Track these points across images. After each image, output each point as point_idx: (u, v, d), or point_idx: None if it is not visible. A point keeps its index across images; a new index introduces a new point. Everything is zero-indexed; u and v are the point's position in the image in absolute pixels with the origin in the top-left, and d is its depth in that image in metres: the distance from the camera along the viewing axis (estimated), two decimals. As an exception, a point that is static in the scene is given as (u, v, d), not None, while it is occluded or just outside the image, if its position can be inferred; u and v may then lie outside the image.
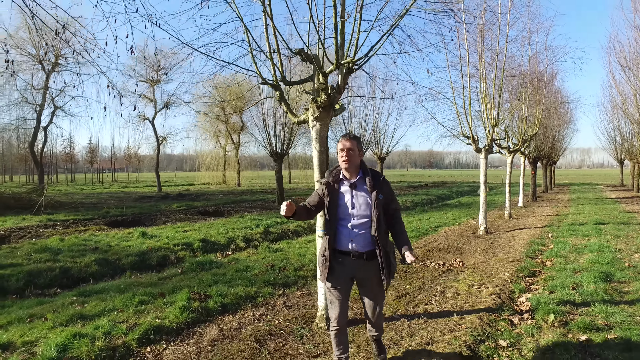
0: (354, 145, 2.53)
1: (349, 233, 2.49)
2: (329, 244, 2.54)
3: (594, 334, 3.25)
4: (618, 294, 4.29)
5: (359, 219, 2.49)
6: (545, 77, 11.46)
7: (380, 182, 2.54)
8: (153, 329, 3.67)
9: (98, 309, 4.31)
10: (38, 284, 5.82)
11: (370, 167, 2.71)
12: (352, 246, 2.49)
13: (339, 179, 2.59)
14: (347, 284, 2.59)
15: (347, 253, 2.51)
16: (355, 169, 2.56)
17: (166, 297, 4.62)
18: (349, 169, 2.54)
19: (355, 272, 2.56)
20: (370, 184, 2.51)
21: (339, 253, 2.54)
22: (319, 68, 3.37)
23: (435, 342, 3.25)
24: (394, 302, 4.33)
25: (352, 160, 2.51)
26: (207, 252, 7.96)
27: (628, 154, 23.15)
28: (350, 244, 2.50)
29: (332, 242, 2.54)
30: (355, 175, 2.56)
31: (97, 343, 3.33)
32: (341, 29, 3.17)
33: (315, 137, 3.50)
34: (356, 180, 2.55)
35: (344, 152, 2.51)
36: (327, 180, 2.60)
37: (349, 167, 2.52)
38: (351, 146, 2.51)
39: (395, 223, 2.64)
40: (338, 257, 2.54)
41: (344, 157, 2.51)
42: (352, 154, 2.51)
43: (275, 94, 3.69)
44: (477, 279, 5.14)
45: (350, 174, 2.56)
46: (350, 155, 2.50)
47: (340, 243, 2.52)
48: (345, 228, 2.51)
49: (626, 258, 5.97)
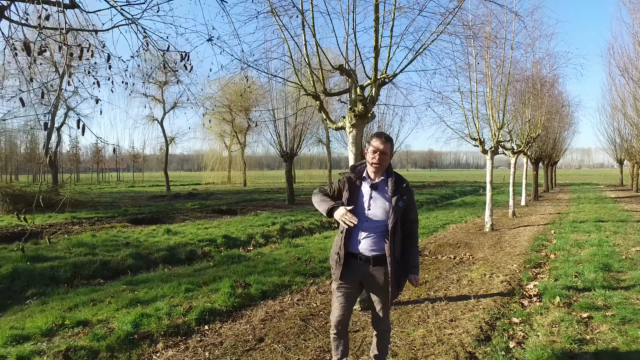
0: (388, 149, 2.39)
1: (360, 235, 2.39)
2: (344, 243, 2.43)
3: (594, 312, 3.77)
4: (616, 281, 4.81)
5: (372, 221, 2.37)
6: (548, 82, 11.98)
7: (402, 188, 2.40)
8: (207, 311, 4.18)
9: (150, 295, 4.81)
10: (83, 274, 6.33)
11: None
12: (361, 248, 2.39)
13: (361, 176, 2.47)
14: (353, 288, 2.49)
15: (355, 255, 2.41)
16: (382, 170, 2.44)
17: (209, 285, 5.13)
18: (377, 172, 2.42)
19: (362, 277, 2.44)
20: (392, 188, 2.37)
21: (348, 255, 2.43)
22: (357, 82, 3.88)
23: (458, 319, 3.77)
24: (416, 289, 4.85)
25: (382, 164, 2.39)
26: (230, 248, 8.46)
27: (627, 154, 23.68)
28: (359, 246, 2.39)
29: (345, 241, 2.43)
30: (379, 177, 2.43)
31: (163, 321, 3.85)
32: (376, 54, 3.68)
33: (352, 142, 4.01)
34: (379, 181, 2.42)
35: (377, 154, 2.37)
36: (349, 175, 2.49)
37: (378, 169, 2.40)
38: (385, 149, 2.37)
39: (408, 235, 2.48)
40: (347, 259, 2.43)
41: (375, 160, 2.37)
42: (384, 157, 2.38)
43: (315, 103, 4.20)
44: (488, 269, 5.66)
45: (375, 174, 2.43)
46: (382, 159, 2.38)
47: (350, 244, 2.42)
48: (357, 229, 2.38)
49: (624, 252, 6.48)
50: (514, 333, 3.47)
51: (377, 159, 2.37)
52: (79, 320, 3.94)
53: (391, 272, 2.33)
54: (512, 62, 9.81)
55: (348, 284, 2.47)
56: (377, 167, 2.39)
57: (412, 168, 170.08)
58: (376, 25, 3.56)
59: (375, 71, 3.66)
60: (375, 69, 3.65)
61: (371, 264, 2.38)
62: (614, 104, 19.55)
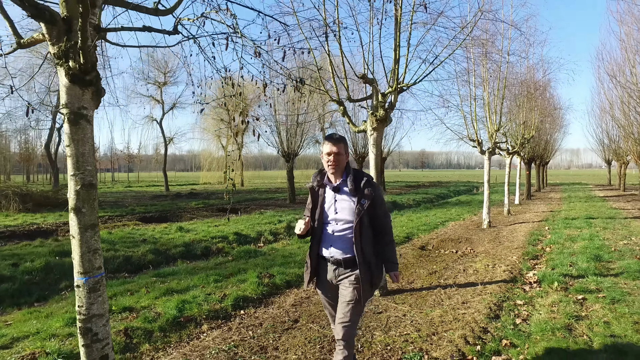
0: (341, 149, 2.37)
1: (330, 238, 2.38)
2: (311, 249, 2.46)
3: (588, 295, 4.28)
4: (606, 270, 5.33)
5: (341, 224, 2.35)
6: (541, 86, 12.58)
7: (363, 184, 2.34)
8: (240, 298, 4.58)
9: (182, 285, 5.20)
10: (109, 269, 6.66)
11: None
12: (331, 251, 2.37)
13: (323, 183, 2.45)
14: (334, 291, 2.47)
15: (327, 259, 2.41)
16: (341, 172, 2.40)
17: (235, 276, 5.53)
18: (335, 174, 2.39)
19: (335, 279, 2.41)
20: (351, 186, 2.34)
21: (321, 258, 2.44)
22: (378, 89, 4.33)
23: (469, 302, 4.24)
24: (427, 277, 5.32)
25: (338, 165, 2.36)
26: (241, 244, 8.84)
27: (615, 155, 24.55)
28: (329, 250, 2.38)
29: (315, 248, 2.44)
30: (339, 178, 2.40)
31: (203, 307, 4.25)
32: (397, 66, 4.14)
33: (373, 144, 4.46)
34: (339, 183, 2.39)
35: (331, 156, 2.35)
36: (311, 184, 2.49)
37: (335, 172, 2.38)
38: (338, 150, 2.35)
39: (381, 232, 2.42)
40: (322, 263, 2.45)
41: (330, 162, 2.35)
42: (339, 158, 2.36)
43: (339, 108, 4.64)
44: (491, 261, 6.15)
45: (335, 177, 2.41)
46: (336, 160, 2.35)
47: (322, 248, 2.42)
48: (326, 233, 2.39)
49: (612, 245, 7.04)
50: (519, 312, 3.95)
51: (333, 161, 2.34)
52: (124, 307, 4.32)
53: (362, 270, 2.29)
54: (508, 67, 10.36)
55: (328, 289, 2.48)
56: (334, 169, 2.36)
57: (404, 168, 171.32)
58: (396, 42, 4.02)
59: (396, 80, 4.11)
60: (396, 79, 4.10)
61: (343, 266, 2.35)
62: (602, 107, 20.34)
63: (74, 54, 1.88)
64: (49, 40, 1.91)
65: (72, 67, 1.88)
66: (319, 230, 2.42)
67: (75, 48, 1.88)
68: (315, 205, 2.45)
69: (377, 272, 2.38)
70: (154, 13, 2.28)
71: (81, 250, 2.03)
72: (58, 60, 1.91)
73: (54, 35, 1.89)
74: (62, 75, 1.92)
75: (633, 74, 12.00)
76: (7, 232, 8.87)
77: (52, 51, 1.92)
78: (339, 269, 2.37)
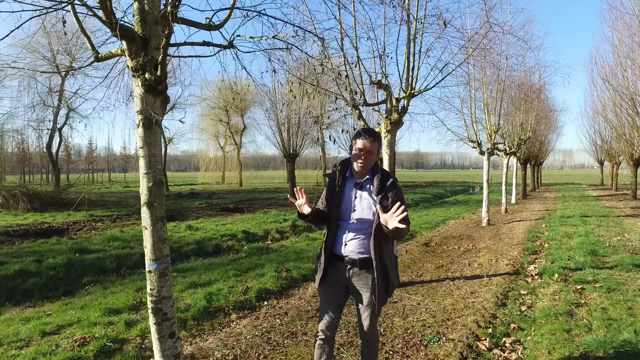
0: (375, 148, 2.26)
1: (346, 236, 2.27)
2: (325, 245, 2.32)
3: (586, 285, 4.63)
4: (602, 263, 5.70)
5: (358, 222, 2.24)
6: (537, 89, 13.01)
7: (388, 186, 2.22)
8: (262, 290, 4.87)
9: (204, 279, 5.47)
10: (127, 265, 6.91)
11: None
12: (346, 250, 2.26)
13: (345, 176, 2.35)
14: (340, 293, 2.35)
15: (341, 258, 2.29)
16: (367, 170, 2.30)
17: (253, 271, 5.81)
18: (362, 172, 2.29)
19: (348, 281, 2.30)
20: (377, 185, 2.22)
21: (334, 257, 2.31)
22: (392, 94, 4.65)
23: (477, 292, 4.57)
24: (435, 271, 5.64)
25: (367, 164, 2.26)
26: (250, 242, 9.11)
27: (607, 155, 25.15)
28: (344, 248, 2.27)
29: (330, 244, 2.32)
30: (364, 175, 2.30)
31: (230, 298, 4.53)
32: (410, 74, 4.46)
33: (387, 145, 4.78)
34: (363, 180, 2.29)
35: (362, 153, 2.24)
36: (332, 172, 2.39)
37: (363, 170, 2.28)
38: (372, 148, 2.24)
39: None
40: (332, 261, 2.32)
41: (360, 160, 2.25)
42: (370, 157, 2.25)
43: (354, 112, 4.95)
44: (493, 256, 6.50)
45: (361, 174, 2.30)
46: (367, 160, 2.25)
47: (336, 246, 2.30)
48: (343, 230, 2.29)
49: (607, 240, 7.44)
50: (524, 300, 4.29)
51: (363, 160, 2.24)
52: (154, 299, 4.58)
53: (378, 275, 2.18)
54: (506, 71, 10.75)
55: (334, 289, 2.35)
56: (362, 168, 2.26)
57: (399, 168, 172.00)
58: (408, 52, 4.34)
59: (410, 87, 4.43)
60: (410, 85, 4.42)
61: (357, 267, 2.24)
62: (595, 109, 20.89)
63: (150, 67, 2.17)
64: (128, 55, 2.19)
65: (148, 79, 2.16)
66: (334, 225, 2.31)
67: (151, 62, 2.17)
68: (331, 196, 2.33)
69: (393, 277, 2.29)
70: (207, 28, 2.56)
71: (153, 240, 2.31)
72: (135, 72, 2.19)
73: (133, 51, 2.17)
74: (137, 85, 2.20)
75: (625, 78, 12.48)
76: (20, 231, 9.06)
77: (130, 65, 2.20)
78: (354, 269, 2.26)
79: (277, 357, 3.17)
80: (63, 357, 3.07)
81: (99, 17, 2.06)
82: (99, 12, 2.14)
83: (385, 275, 2.24)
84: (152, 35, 2.16)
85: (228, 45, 2.48)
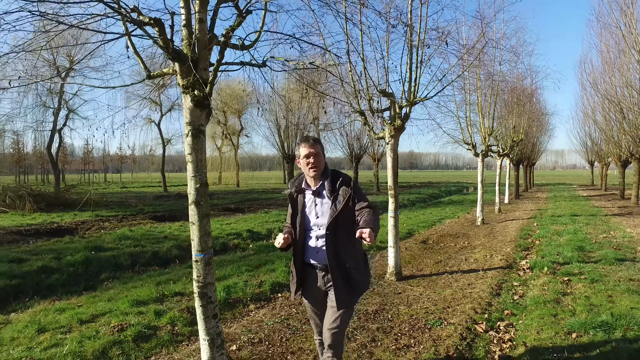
0: (319, 149, 2.29)
1: (315, 244, 2.29)
2: (295, 257, 2.37)
3: (572, 277, 5.07)
4: (587, 258, 6.16)
5: (323, 228, 2.25)
6: (529, 94, 13.53)
7: (339, 184, 2.25)
8: (276, 284, 5.24)
9: (219, 274, 5.81)
10: (141, 262, 7.23)
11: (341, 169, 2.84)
12: (317, 257, 2.29)
13: (301, 188, 2.37)
14: (322, 298, 2.39)
15: (314, 266, 2.33)
16: (320, 174, 2.31)
17: (264, 266, 6.17)
18: (315, 177, 2.30)
19: (324, 286, 2.33)
20: (328, 187, 2.26)
21: (308, 266, 2.36)
22: (396, 102, 5.06)
23: (474, 284, 4.99)
24: (434, 266, 6.06)
25: (319, 166, 2.27)
26: (255, 240, 9.45)
27: (597, 157, 25.88)
28: (315, 256, 2.30)
29: (300, 255, 2.35)
30: (318, 182, 2.32)
31: (247, 291, 4.90)
32: (410, 84, 4.88)
33: (390, 149, 5.18)
34: (319, 186, 2.31)
35: (311, 157, 2.25)
36: (290, 191, 2.39)
37: (316, 174, 2.28)
38: (316, 150, 2.27)
39: (363, 214, 2.22)
40: (309, 271, 2.37)
41: (311, 165, 2.26)
42: (319, 159, 2.27)
43: (361, 118, 5.35)
44: (488, 252, 6.94)
45: (315, 181, 2.32)
46: (317, 161, 2.26)
47: (307, 256, 2.33)
48: (312, 239, 2.31)
49: (594, 238, 7.93)
50: (516, 291, 4.72)
51: (314, 162, 2.25)
52: (175, 292, 4.94)
53: (335, 275, 2.20)
54: (499, 75, 11.23)
55: (315, 296, 2.40)
56: (317, 171, 2.27)
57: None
58: (410, 63, 4.76)
59: (413, 95, 4.84)
60: (413, 94, 4.83)
61: (328, 272, 2.25)
62: (585, 112, 21.54)
63: (199, 85, 2.54)
64: (179, 75, 2.55)
65: (197, 95, 2.53)
66: (301, 237, 2.32)
67: (199, 81, 2.54)
68: (295, 212, 2.36)
69: (357, 275, 2.29)
70: (240, 48, 2.93)
71: (199, 233, 2.67)
72: (185, 89, 2.55)
73: (184, 71, 2.53)
74: (187, 100, 2.57)
75: (612, 84, 13.04)
76: (31, 230, 9.32)
77: (180, 83, 2.56)
78: (328, 275, 2.28)
79: (298, 339, 3.56)
80: (106, 340, 3.42)
81: (158, 44, 2.43)
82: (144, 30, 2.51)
83: (346, 274, 2.23)
84: (201, 58, 2.53)
85: (262, 64, 2.86)
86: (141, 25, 2.44)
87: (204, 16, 2.51)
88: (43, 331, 3.69)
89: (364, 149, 23.64)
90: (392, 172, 5.19)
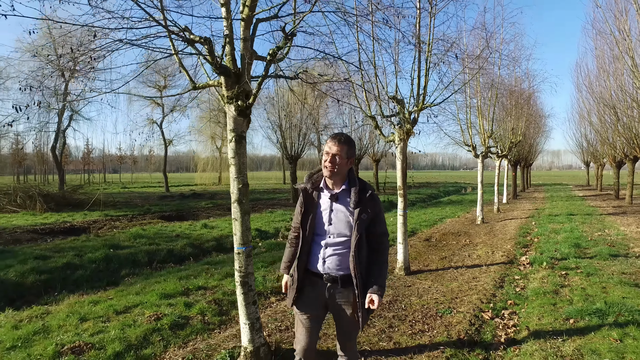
0: (343, 151, 2.12)
1: (323, 252, 2.15)
2: (299, 262, 2.19)
3: (569, 271, 5.44)
4: (583, 254, 6.54)
5: (335, 237, 2.13)
6: (527, 96, 13.95)
7: (366, 198, 2.12)
8: (291, 277, 5.57)
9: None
10: (157, 260, 7.53)
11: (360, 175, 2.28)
12: (325, 268, 2.14)
13: (319, 187, 2.22)
14: (318, 312, 2.24)
15: (319, 275, 2.17)
16: (341, 178, 2.17)
17: (278, 263, 6.49)
18: (332, 178, 2.15)
19: (328, 299, 2.18)
20: (354, 199, 2.10)
21: (311, 274, 2.19)
22: (405, 108, 5.40)
23: (478, 277, 5.35)
24: (439, 261, 6.41)
25: (334, 168, 2.11)
26: (263, 239, 9.77)
27: (593, 157, 26.39)
28: (322, 265, 2.15)
29: (304, 261, 2.19)
30: (339, 186, 2.18)
31: (266, 284, 5.22)
32: (419, 91, 5.23)
33: (400, 152, 5.52)
34: (339, 191, 2.16)
35: (328, 156, 2.11)
36: (304, 186, 2.24)
37: (331, 175, 2.13)
38: (338, 152, 2.11)
39: (375, 250, 2.19)
40: (310, 279, 2.20)
41: (326, 164, 2.12)
42: (338, 161, 2.11)
43: (372, 122, 5.68)
44: (489, 249, 7.30)
45: (334, 183, 2.18)
46: (334, 162, 2.10)
47: (312, 263, 2.18)
48: (319, 246, 2.16)
49: (589, 235, 8.32)
50: (518, 283, 5.08)
51: (329, 163, 2.10)
52: (198, 286, 5.25)
53: (359, 294, 2.09)
54: (499, 79, 11.62)
55: (312, 308, 2.22)
56: (330, 172, 2.12)
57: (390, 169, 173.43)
58: (419, 72, 5.11)
59: (422, 101, 5.19)
60: (422, 100, 5.18)
61: (339, 284, 2.14)
62: (581, 113, 22.03)
63: (242, 96, 2.86)
64: (224, 87, 2.88)
65: (240, 105, 2.86)
66: (308, 240, 2.18)
67: (242, 92, 2.86)
68: (307, 211, 2.20)
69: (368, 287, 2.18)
70: (273, 61, 3.27)
71: (242, 228, 3.00)
72: (229, 100, 2.88)
73: (229, 84, 2.85)
74: (231, 109, 2.89)
75: (607, 88, 13.48)
76: (46, 229, 9.59)
77: (225, 94, 2.88)
78: (334, 287, 2.16)
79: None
80: (146, 328, 3.74)
81: (207, 60, 2.75)
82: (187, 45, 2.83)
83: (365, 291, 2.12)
84: (244, 71, 2.86)
85: (294, 76, 3.19)
86: (192, 43, 2.76)
87: (247, 35, 2.83)
88: (85, 320, 3.99)
89: (364, 150, 23.99)
90: (401, 173, 5.53)
